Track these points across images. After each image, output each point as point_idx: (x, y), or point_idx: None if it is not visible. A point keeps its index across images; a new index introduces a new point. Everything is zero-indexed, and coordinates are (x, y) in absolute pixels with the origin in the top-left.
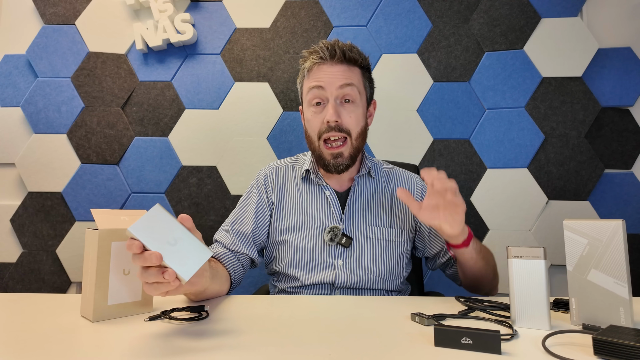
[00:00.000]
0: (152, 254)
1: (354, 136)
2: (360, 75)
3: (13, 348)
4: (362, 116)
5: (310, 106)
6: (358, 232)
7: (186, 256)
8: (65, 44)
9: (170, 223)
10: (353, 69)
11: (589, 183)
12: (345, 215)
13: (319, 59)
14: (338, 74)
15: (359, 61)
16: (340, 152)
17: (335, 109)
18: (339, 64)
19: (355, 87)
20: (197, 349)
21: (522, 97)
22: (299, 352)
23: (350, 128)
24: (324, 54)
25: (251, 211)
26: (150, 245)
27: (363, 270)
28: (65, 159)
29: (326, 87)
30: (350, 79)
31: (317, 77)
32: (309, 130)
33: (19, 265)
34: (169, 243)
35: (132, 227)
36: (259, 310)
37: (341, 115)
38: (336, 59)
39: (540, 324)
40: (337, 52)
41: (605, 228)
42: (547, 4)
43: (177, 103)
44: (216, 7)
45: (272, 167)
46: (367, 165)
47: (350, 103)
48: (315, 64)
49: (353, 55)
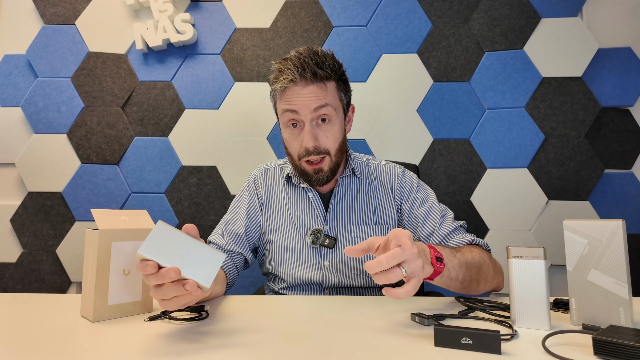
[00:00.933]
0: (169, 270)
1: (332, 153)
2: (335, 90)
3: (13, 348)
4: (339, 132)
5: (286, 127)
6: (342, 233)
7: (201, 264)
8: (65, 44)
9: (176, 236)
10: (326, 85)
11: (589, 183)
12: (329, 216)
13: (289, 82)
14: (311, 96)
15: (331, 76)
16: (320, 168)
17: (312, 133)
18: (311, 84)
19: (330, 107)
20: (197, 349)
21: (522, 97)
22: (299, 352)
23: (328, 147)
24: (295, 76)
25: (243, 212)
26: (164, 262)
27: (349, 270)
28: (65, 159)
29: (300, 111)
30: (324, 99)
31: (290, 100)
32: (288, 148)
33: (19, 265)
34: (181, 255)
35: (142, 249)
36: (259, 310)
37: (318, 137)
38: (307, 80)
39: (540, 324)
40: (307, 74)
41: (605, 228)
42: (547, 4)
43: (177, 103)
44: (216, 7)
45: (262, 168)
46: (352, 166)
47: (326, 123)
48: (286, 87)
49: (324, 73)
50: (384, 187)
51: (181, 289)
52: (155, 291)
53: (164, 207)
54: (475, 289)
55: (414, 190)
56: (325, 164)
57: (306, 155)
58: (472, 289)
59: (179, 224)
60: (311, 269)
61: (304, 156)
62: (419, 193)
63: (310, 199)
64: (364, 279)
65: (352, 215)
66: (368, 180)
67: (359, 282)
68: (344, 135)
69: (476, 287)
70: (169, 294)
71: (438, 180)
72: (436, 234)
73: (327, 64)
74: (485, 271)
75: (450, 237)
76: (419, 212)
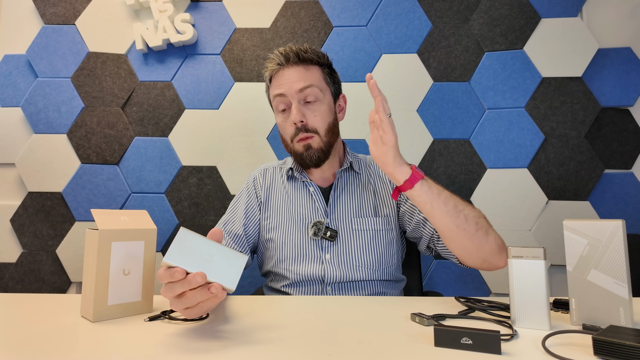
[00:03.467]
0: (196, 275)
1: (322, 133)
2: (320, 73)
3: (13, 348)
4: (327, 112)
5: (278, 113)
6: (343, 225)
7: (225, 267)
8: (65, 44)
9: (199, 241)
10: (311, 68)
11: (589, 183)
12: (330, 208)
13: (276, 66)
14: (296, 77)
15: (314, 60)
16: (309, 144)
17: (299, 109)
18: (295, 66)
19: (315, 87)
20: (197, 349)
21: (522, 97)
22: (299, 352)
23: (316, 126)
24: (280, 60)
25: (241, 212)
26: (190, 267)
27: (351, 262)
28: (65, 159)
29: (287, 93)
30: (308, 80)
31: (279, 83)
32: (283, 135)
33: (19, 265)
34: (206, 260)
35: (168, 257)
36: (259, 310)
37: (306, 115)
38: (291, 62)
39: (540, 324)
40: (290, 56)
41: (605, 228)
42: (547, 4)
43: (177, 103)
44: (216, 7)
45: (261, 169)
46: (349, 160)
47: (312, 103)
48: (274, 72)
49: (308, 56)
50: (383, 182)
51: (206, 293)
52: (177, 301)
53: (164, 207)
54: (464, 226)
55: None
56: (314, 142)
57: (296, 135)
58: (461, 221)
59: (179, 224)
60: (313, 263)
61: (294, 136)
62: None
63: (310, 192)
64: (366, 271)
65: (353, 208)
66: (367, 175)
67: (361, 275)
68: (334, 118)
69: (464, 222)
70: (194, 300)
71: (438, 180)
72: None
73: (311, 50)
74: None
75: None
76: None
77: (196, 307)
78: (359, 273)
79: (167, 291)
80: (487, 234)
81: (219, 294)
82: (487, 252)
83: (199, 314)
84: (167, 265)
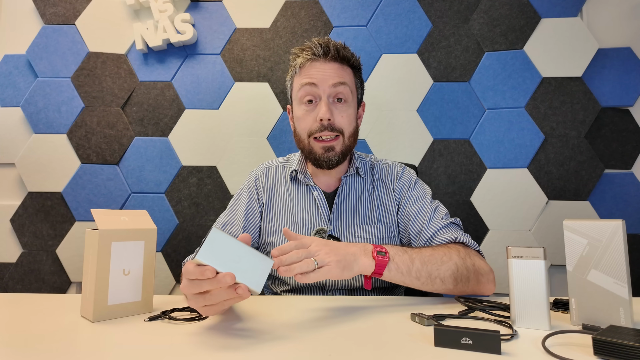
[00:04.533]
0: (226, 275)
1: (346, 135)
2: (352, 75)
3: (13, 348)
4: (353, 116)
5: (301, 104)
6: (346, 232)
7: (252, 269)
8: (65, 44)
9: (230, 242)
10: (346, 68)
11: (589, 183)
12: (333, 215)
13: (312, 56)
14: (331, 72)
15: (351, 60)
16: (332, 146)
17: (329, 106)
18: (332, 62)
19: (347, 87)
20: (197, 349)
21: (522, 97)
22: (299, 352)
23: (342, 127)
24: (318, 51)
25: (241, 213)
26: (220, 267)
27: None
28: (65, 159)
29: (319, 85)
30: (343, 78)
31: (310, 74)
32: (298, 128)
33: (19, 265)
34: (234, 261)
35: (200, 255)
36: (259, 310)
37: (334, 114)
38: (329, 57)
39: (540, 324)
40: (330, 49)
41: (605, 228)
42: (547, 4)
43: (177, 103)
44: (216, 7)
45: (263, 167)
46: (356, 165)
47: (342, 102)
48: (307, 61)
49: (346, 54)
50: (386, 186)
51: (232, 293)
52: (199, 298)
53: (164, 207)
54: (442, 287)
55: (410, 187)
56: (337, 144)
57: (319, 131)
58: (438, 286)
59: (179, 224)
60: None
61: (316, 132)
62: (414, 191)
63: (314, 197)
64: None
65: (357, 215)
66: (371, 181)
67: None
68: (357, 123)
69: (441, 284)
70: (218, 298)
71: (438, 180)
72: (424, 232)
73: (349, 49)
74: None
75: (436, 235)
76: (411, 210)
77: (217, 305)
78: (360, 281)
79: (191, 287)
80: (468, 281)
81: (244, 295)
82: (471, 292)
83: (217, 312)
84: (198, 262)
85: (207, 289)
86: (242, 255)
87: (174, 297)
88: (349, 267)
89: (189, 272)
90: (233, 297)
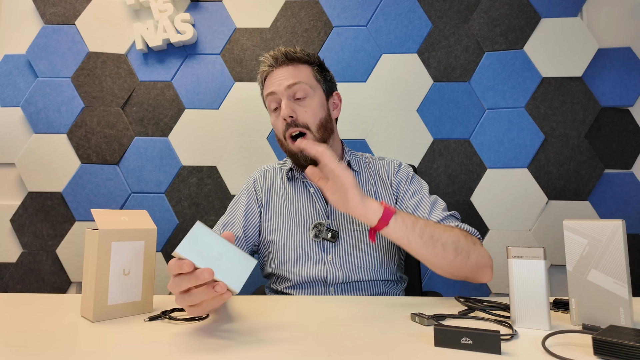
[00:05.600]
0: (204, 271)
1: (313, 129)
2: (310, 71)
3: (13, 348)
4: (319, 108)
5: (271, 112)
6: (344, 226)
7: (233, 268)
8: (65, 44)
9: (212, 238)
10: (300, 67)
11: (589, 183)
12: (330, 209)
13: (267, 67)
14: (285, 75)
15: (303, 59)
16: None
17: (288, 105)
18: (284, 67)
19: (304, 84)
20: (197, 349)
21: (522, 97)
22: (299, 352)
23: (307, 121)
24: (270, 62)
25: (240, 213)
26: (199, 262)
27: (353, 263)
28: (65, 159)
29: (277, 91)
30: (297, 78)
31: (269, 83)
32: (276, 133)
33: (19, 265)
34: (215, 258)
35: (180, 248)
36: (259, 310)
37: (296, 110)
38: (281, 62)
39: (540, 324)
40: (279, 56)
41: (605, 228)
42: (547, 4)
43: (177, 103)
44: (216, 7)
45: (261, 170)
46: (346, 159)
47: (302, 99)
48: (266, 73)
49: (296, 55)
50: (383, 181)
51: (211, 292)
52: (182, 297)
53: (164, 207)
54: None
55: (408, 182)
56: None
57: (286, 130)
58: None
59: (179, 224)
60: (315, 265)
61: (285, 131)
62: (411, 185)
63: (311, 193)
64: (368, 272)
65: None
66: (367, 175)
67: (363, 275)
68: (327, 114)
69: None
70: (198, 298)
71: (438, 180)
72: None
73: (299, 50)
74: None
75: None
76: (410, 203)
77: (200, 306)
78: (361, 274)
79: (174, 285)
80: (468, 256)
81: (222, 292)
82: (469, 273)
83: (203, 312)
84: (178, 256)
85: (187, 286)
86: (223, 253)
87: (173, 297)
88: (360, 197)
89: (170, 267)
90: (213, 296)
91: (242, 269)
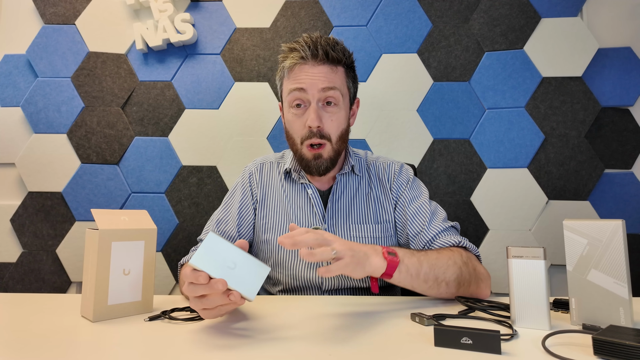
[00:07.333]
0: (217, 282)
1: (334, 140)
2: (344, 75)
3: (13, 348)
4: (343, 119)
5: (290, 107)
6: (341, 232)
7: (247, 276)
8: (65, 44)
9: (226, 248)
10: (336, 69)
11: (589, 183)
12: (328, 214)
13: (299, 59)
14: (320, 76)
15: (342, 60)
16: (319, 154)
17: (317, 113)
18: (321, 65)
19: (338, 90)
20: (197, 349)
21: (522, 97)
22: (299, 352)
23: (330, 132)
24: (306, 54)
25: (235, 210)
26: (214, 273)
27: None
28: (65, 159)
29: (308, 90)
30: (333, 82)
31: (298, 78)
32: (290, 131)
33: (19, 265)
34: (229, 267)
35: (194, 260)
36: (259, 310)
37: (323, 119)
38: (318, 60)
39: (540, 324)
40: (319, 52)
41: (605, 228)
42: (547, 4)
43: (177, 103)
44: (216, 7)
45: (257, 163)
46: (351, 163)
47: (332, 106)
48: (295, 64)
49: (336, 55)
50: (383, 185)
51: (226, 299)
52: (197, 301)
53: (164, 207)
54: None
55: (408, 186)
56: (325, 151)
57: (308, 138)
58: (442, 290)
59: (179, 223)
60: (310, 270)
61: (306, 138)
62: (411, 190)
63: (309, 195)
64: (364, 279)
65: (352, 214)
66: (367, 179)
67: (359, 282)
68: (348, 125)
69: (446, 288)
70: (213, 303)
71: (438, 180)
72: (424, 233)
73: (339, 47)
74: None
75: (437, 238)
76: (409, 209)
77: (214, 310)
78: (356, 280)
79: (188, 290)
80: (469, 285)
81: (237, 302)
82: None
83: (215, 316)
84: (192, 267)
85: (201, 293)
86: (237, 262)
87: (174, 297)
88: (361, 265)
89: (186, 275)
90: (227, 303)
91: (256, 276)
